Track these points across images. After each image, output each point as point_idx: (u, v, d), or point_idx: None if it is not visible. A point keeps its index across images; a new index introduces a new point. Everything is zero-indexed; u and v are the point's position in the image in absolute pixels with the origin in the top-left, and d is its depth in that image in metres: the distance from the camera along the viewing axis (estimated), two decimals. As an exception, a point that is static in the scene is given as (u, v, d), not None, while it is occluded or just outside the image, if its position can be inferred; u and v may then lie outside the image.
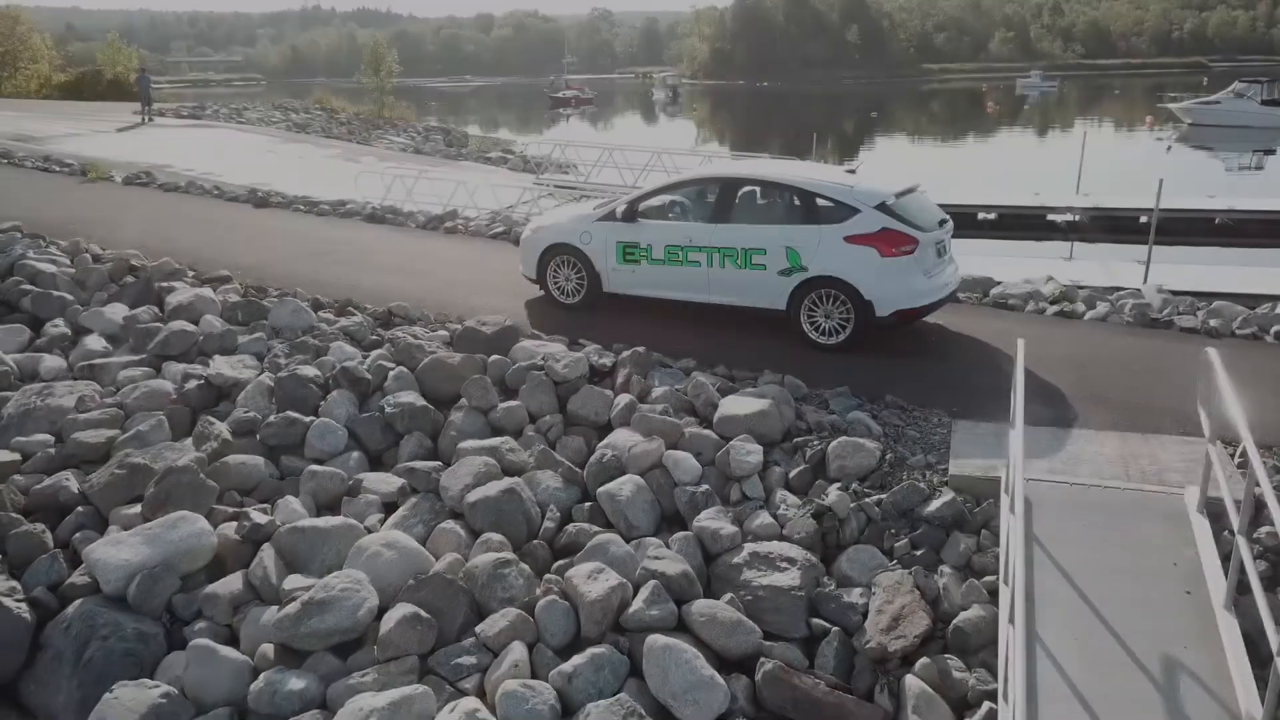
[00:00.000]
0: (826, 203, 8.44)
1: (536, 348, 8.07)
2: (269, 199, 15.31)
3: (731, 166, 9.71)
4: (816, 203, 8.48)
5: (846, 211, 8.32)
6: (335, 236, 13.14)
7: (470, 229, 13.61)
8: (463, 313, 9.59)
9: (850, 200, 8.35)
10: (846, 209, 8.33)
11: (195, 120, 35.40)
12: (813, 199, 8.50)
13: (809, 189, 8.54)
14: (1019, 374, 5.39)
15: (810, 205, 8.49)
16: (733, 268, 8.70)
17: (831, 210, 8.41)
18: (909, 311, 8.29)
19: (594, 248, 9.39)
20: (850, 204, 8.33)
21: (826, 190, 8.48)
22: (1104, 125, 61.55)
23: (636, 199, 9.30)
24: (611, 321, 9.29)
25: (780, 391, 7.14)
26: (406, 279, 10.88)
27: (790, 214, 8.70)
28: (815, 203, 8.48)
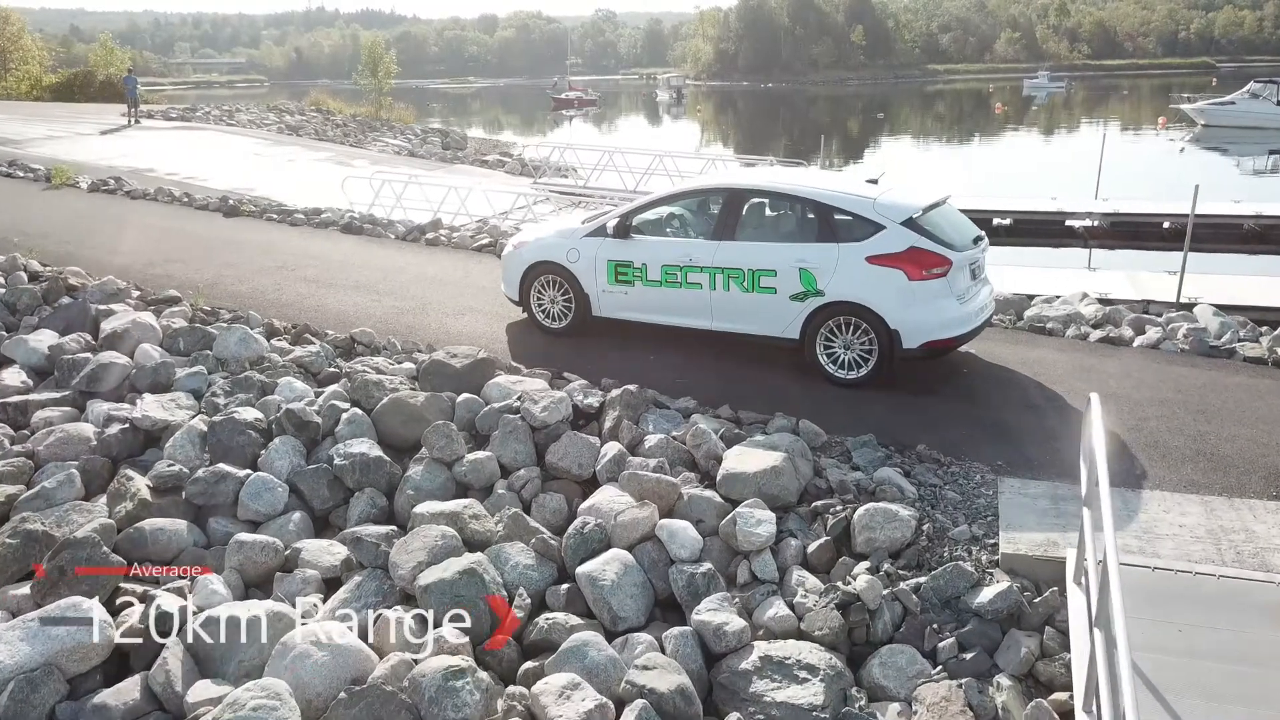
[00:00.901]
0: (845, 217, 7.39)
1: (513, 384, 7.02)
2: (240, 207, 14.28)
3: (737, 175, 9.37)
4: (834, 218, 7.42)
5: (869, 228, 7.26)
6: (306, 249, 12.10)
7: (453, 240, 12.57)
8: (436, 338, 8.55)
9: (873, 215, 7.29)
10: (869, 225, 7.27)
11: (184, 122, 34.41)
12: (830, 213, 7.43)
13: (826, 201, 7.47)
14: (1097, 436, 4.31)
15: (827, 220, 7.44)
16: (738, 291, 7.65)
17: (851, 226, 7.35)
18: (940, 343, 7.22)
19: (582, 266, 8.34)
20: (873, 219, 7.27)
21: (845, 203, 7.42)
22: (1115, 126, 60.41)
23: (630, 212, 8.25)
24: (602, 350, 8.25)
25: (794, 442, 6.08)
26: (377, 299, 9.84)
27: (804, 230, 7.64)
28: (833, 217, 7.42)
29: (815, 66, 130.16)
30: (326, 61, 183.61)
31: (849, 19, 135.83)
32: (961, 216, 7.94)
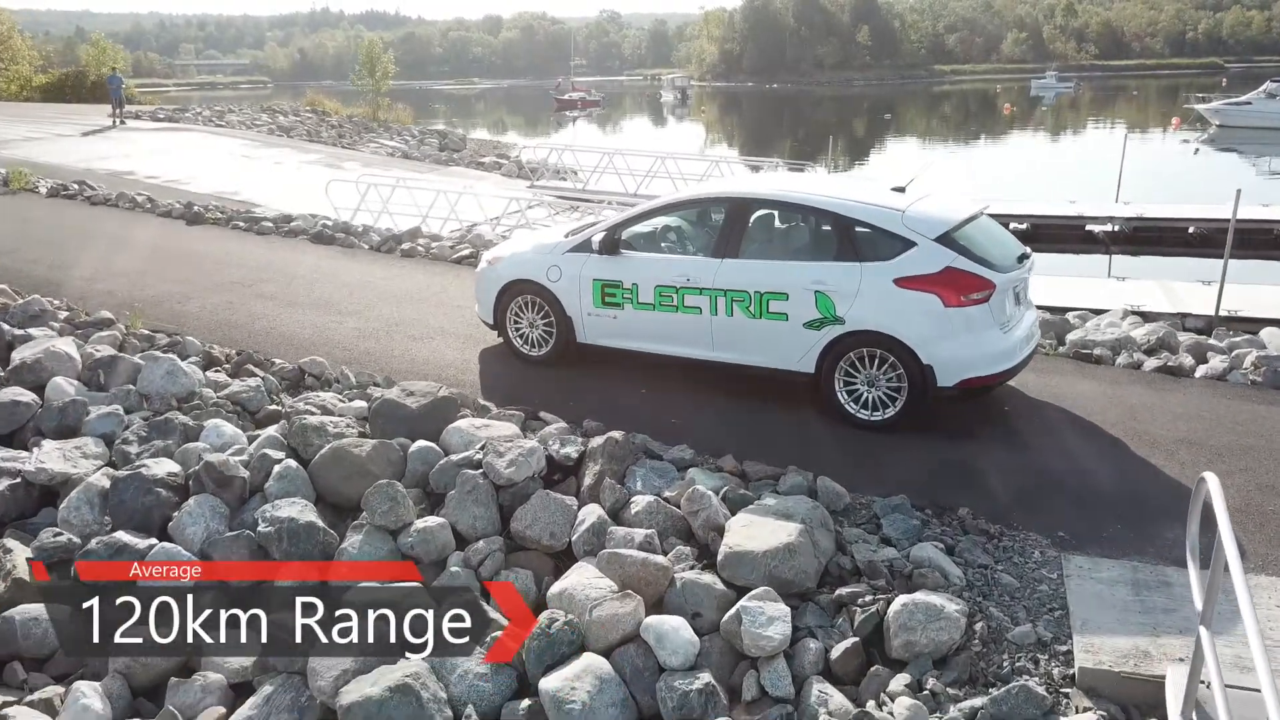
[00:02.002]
0: (869, 232, 6.30)
1: (477, 429, 5.94)
2: (204, 214, 13.24)
3: (742, 183, 8.24)
4: (856, 232, 6.33)
5: (897, 244, 6.18)
6: (269, 261, 11.05)
7: (432, 251, 11.50)
8: (397, 368, 7.49)
9: (902, 229, 6.20)
10: (897, 241, 6.19)
11: (172, 123, 33.41)
12: (851, 227, 6.34)
13: (846, 214, 6.38)
14: (1226, 535, 3.22)
15: (848, 235, 6.35)
16: (744, 317, 6.57)
17: (877, 242, 6.27)
18: (981, 380, 6.13)
19: (564, 286, 7.27)
20: (902, 234, 6.19)
21: (870, 216, 6.33)
22: (1127, 127, 59.25)
23: (618, 225, 7.16)
24: (586, 383, 7.18)
25: (813, 509, 5.00)
26: (339, 319, 8.78)
27: (821, 247, 6.55)
28: (855, 232, 6.33)
29: (821, 67, 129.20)
30: (331, 63, 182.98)
31: (854, 19, 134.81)
32: (1003, 231, 6.85)
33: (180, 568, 4.84)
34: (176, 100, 64.11)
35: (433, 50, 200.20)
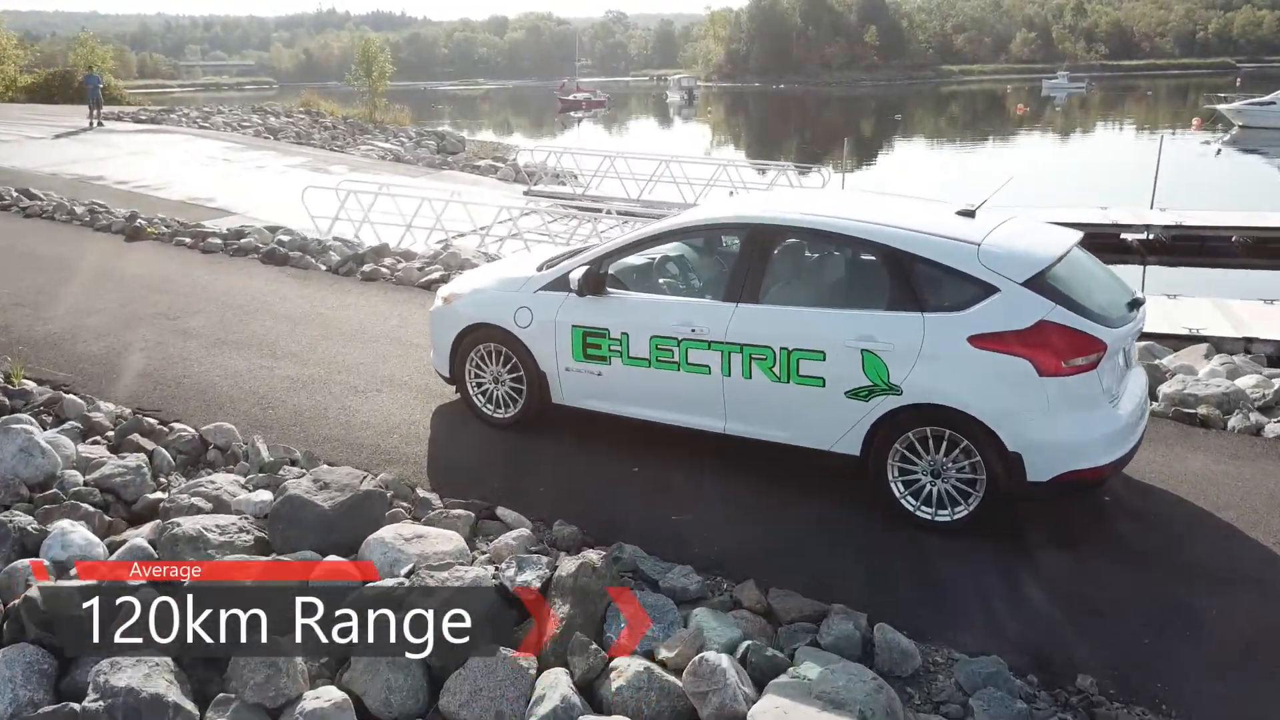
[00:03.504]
0: (935, 272, 4.74)
1: (408, 541, 4.39)
2: (146, 229, 11.70)
3: (764, 203, 6.06)
4: (917, 271, 4.76)
5: (972, 289, 4.62)
6: (208, 286, 9.53)
7: (397, 274, 9.96)
8: (329, 435, 5.96)
9: (979, 269, 4.64)
10: (973, 285, 4.63)
11: (154, 125, 31.99)
12: (910, 265, 4.78)
13: (903, 247, 4.80)
14: None
15: (906, 276, 4.78)
16: (766, 380, 5.02)
17: (945, 286, 4.71)
18: (1086, 474, 4.56)
19: (536, 333, 5.72)
20: (979, 276, 4.62)
21: (935, 250, 4.76)
22: (1146, 128, 57.59)
23: (604, 255, 5.61)
24: (562, 458, 5.65)
25: (874, 693, 3.41)
26: (271, 364, 7.24)
27: (869, 290, 4.99)
28: (915, 271, 4.77)
29: (828, 67, 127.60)
30: (336, 63, 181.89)
31: (862, 19, 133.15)
32: (1104, 269, 5.27)
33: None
34: (181, 101, 62.82)
35: (438, 51, 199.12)
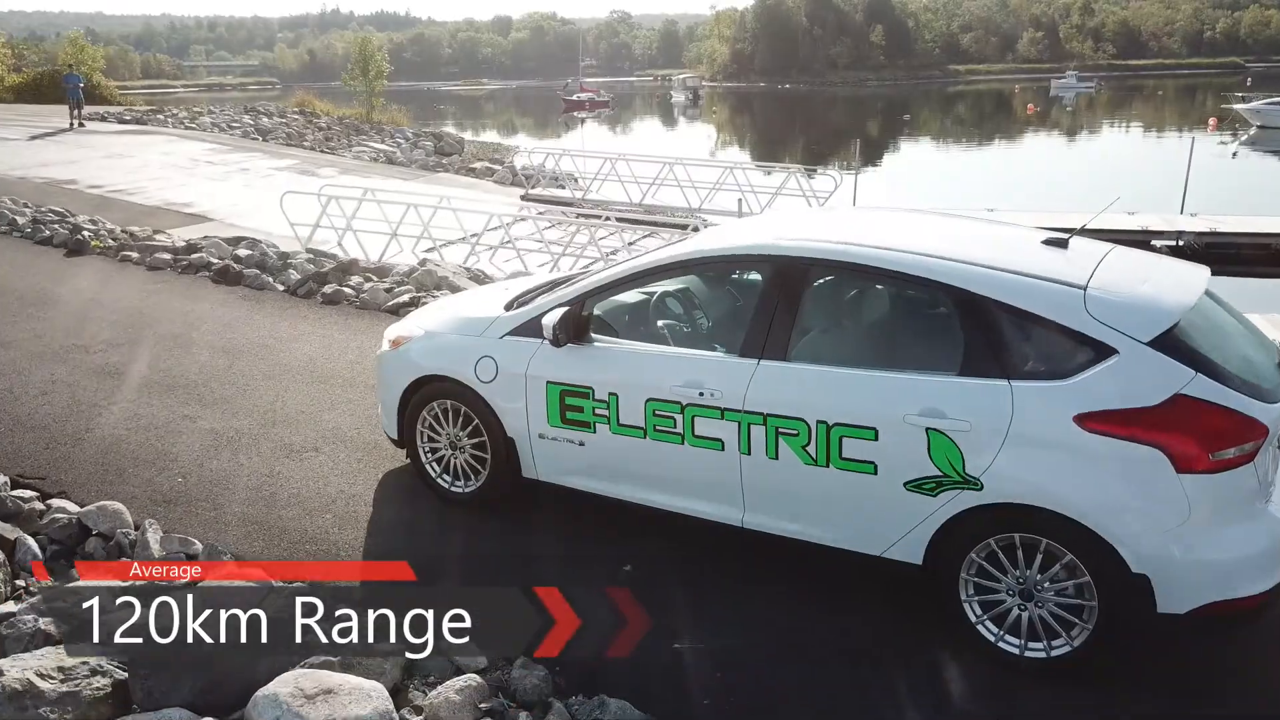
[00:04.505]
0: (1026, 325, 3.52)
1: (309, 701, 3.18)
2: (90, 242, 10.53)
3: (793, 227, 4.43)
4: (1001, 323, 3.55)
5: (1080, 350, 3.41)
6: (144, 311, 8.35)
7: (363, 296, 8.76)
8: (245, 515, 4.77)
9: (1089, 323, 3.42)
10: (1079, 344, 3.41)
11: (139, 125, 30.88)
12: (992, 315, 3.56)
13: (983, 291, 3.57)
14: None
15: (987, 329, 3.56)
16: (797, 460, 3.81)
17: (1042, 344, 3.50)
18: (1239, 604, 3.33)
19: (502, 389, 4.52)
20: (1089, 332, 3.41)
21: (1026, 296, 3.53)
22: (1159, 129, 56.36)
23: (587, 292, 4.40)
24: (533, 550, 4.44)
25: None
26: (196, 412, 6.05)
27: (937, 347, 3.77)
28: (998, 323, 3.55)
29: (834, 67, 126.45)
30: (340, 64, 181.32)
31: (868, 18, 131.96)
32: (1240, 317, 4.04)
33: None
34: (185, 101, 61.86)
35: (442, 51, 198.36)
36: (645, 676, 3.52)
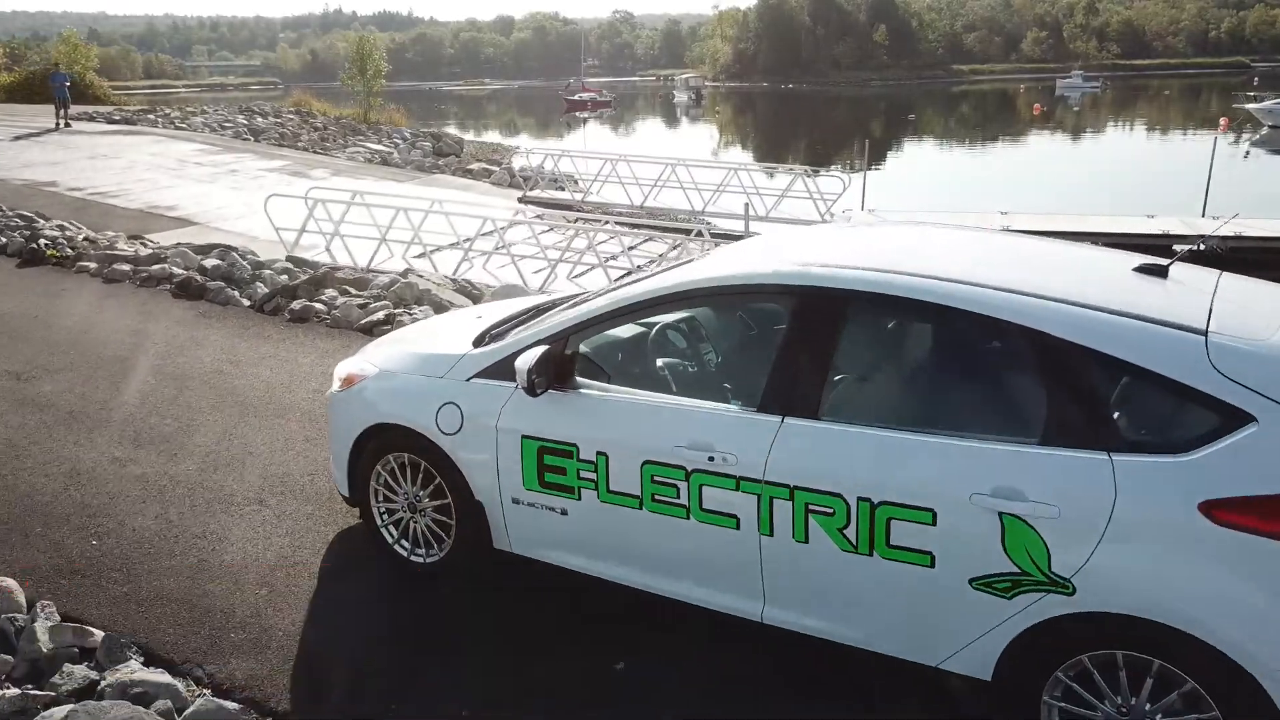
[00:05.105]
0: (1132, 381, 2.73)
1: None
2: (46, 251, 9.76)
3: (819, 251, 3.53)
4: (1097, 379, 2.75)
5: (1204, 416, 2.61)
6: (91, 329, 7.57)
7: (336, 312, 7.97)
8: (165, 588, 3.99)
9: (1214, 381, 2.61)
10: (1203, 407, 2.61)
11: (128, 125, 30.12)
12: (1085, 368, 2.76)
13: (1073, 336, 2.76)
14: None
15: (1079, 386, 2.77)
16: (832, 545, 3.02)
17: (1153, 406, 2.72)
18: None
19: (469, 443, 3.74)
20: (1216, 393, 2.60)
21: (1131, 344, 2.72)
22: (1169, 129, 55.55)
23: (571, 328, 3.61)
24: (508, 644, 3.66)
25: None
26: (129, 454, 5.27)
27: (1012, 407, 2.97)
28: (1094, 378, 2.75)
29: (837, 67, 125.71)
30: (341, 64, 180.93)
31: (871, 18, 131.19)
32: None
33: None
34: (187, 101, 61.16)
35: (444, 51, 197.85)
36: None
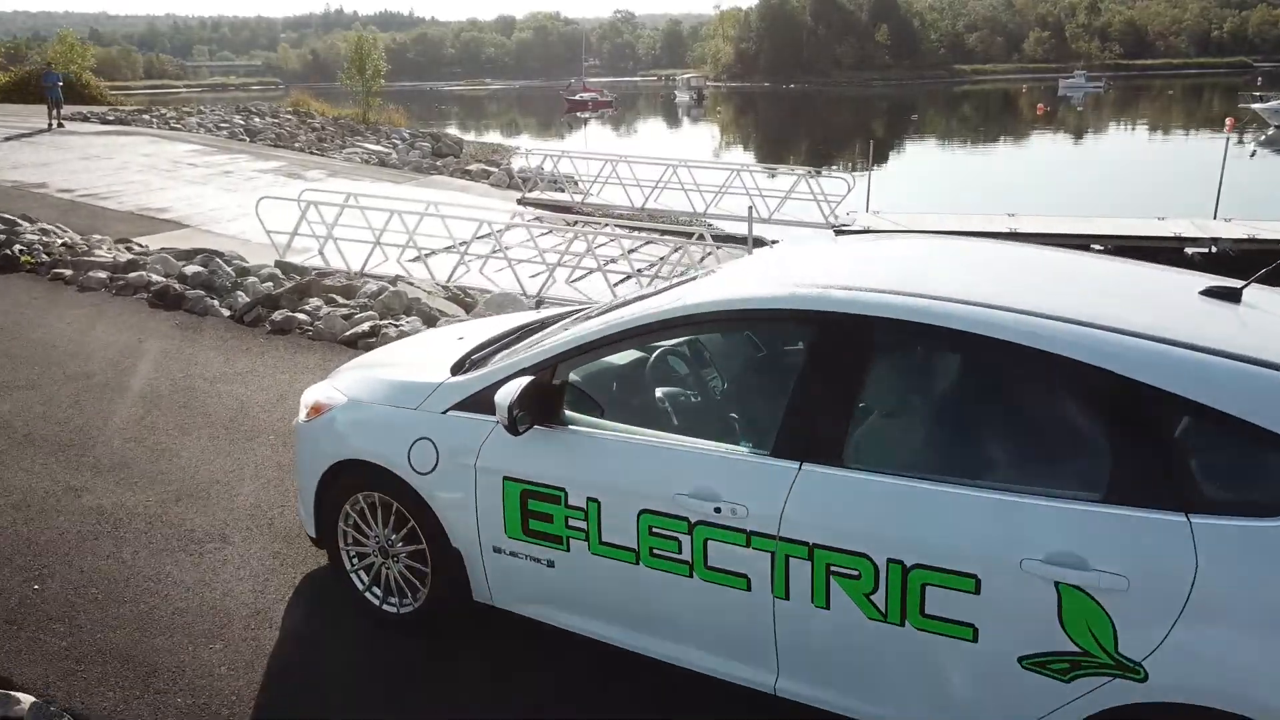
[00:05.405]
0: (1212, 427, 2.32)
1: None
2: (20, 258, 9.36)
3: (840, 269, 3.16)
4: (1172, 427, 2.35)
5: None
6: (59, 342, 7.17)
7: (317, 325, 7.56)
8: (107, 643, 3.58)
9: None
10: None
11: (123, 126, 29.73)
12: (1159, 411, 2.36)
13: (1139, 375, 2.36)
14: None
15: (1151, 434, 2.36)
16: (858, 612, 2.61)
17: (1241, 458, 2.31)
18: None
19: (444, 483, 3.33)
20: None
21: (1212, 384, 2.31)
22: (1174, 129, 55.13)
23: (559, 355, 3.19)
24: (482, 701, 3.25)
25: None
26: (88, 480, 4.87)
27: (1074, 455, 2.55)
28: (1168, 425, 2.35)
29: (839, 67, 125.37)
30: (341, 64, 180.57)
31: (873, 18, 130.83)
32: None
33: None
34: (188, 101, 60.82)
35: (445, 51, 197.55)
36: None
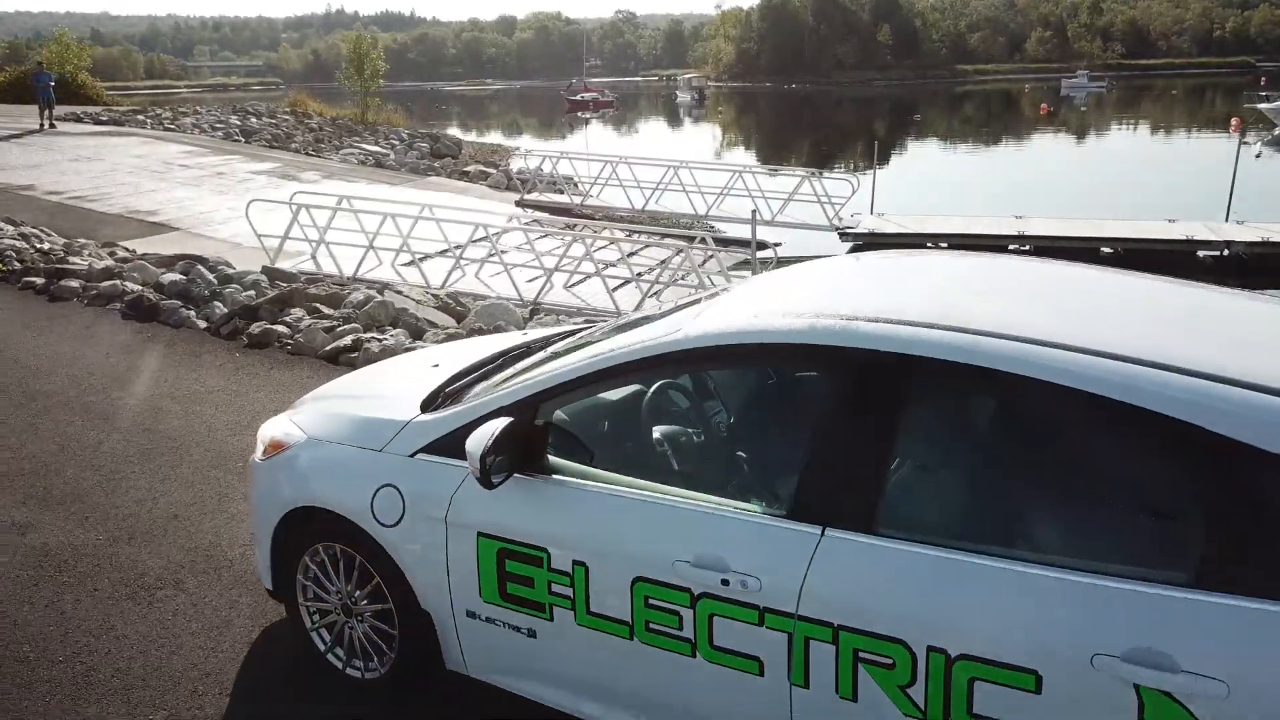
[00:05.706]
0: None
1: None
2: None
3: (868, 290, 2.81)
4: (1265, 497, 1.94)
5: None
6: (21, 358, 6.76)
7: (300, 336, 7.14)
8: (37, 709, 3.16)
9: None
10: None
11: (116, 126, 29.35)
12: (1256, 476, 1.95)
13: (1241, 435, 1.95)
14: None
15: (1246, 505, 1.95)
16: (891, 707, 2.20)
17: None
18: None
19: (411, 537, 2.91)
20: None
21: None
22: (1178, 130, 54.70)
23: (541, 393, 2.78)
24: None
25: None
26: (36, 515, 4.46)
27: (1153, 529, 2.14)
28: (1267, 493, 1.95)
29: (840, 67, 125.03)
30: (340, 63, 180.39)
31: (874, 18, 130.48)
32: None
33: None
34: (189, 101, 60.49)
35: (446, 51, 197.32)
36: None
